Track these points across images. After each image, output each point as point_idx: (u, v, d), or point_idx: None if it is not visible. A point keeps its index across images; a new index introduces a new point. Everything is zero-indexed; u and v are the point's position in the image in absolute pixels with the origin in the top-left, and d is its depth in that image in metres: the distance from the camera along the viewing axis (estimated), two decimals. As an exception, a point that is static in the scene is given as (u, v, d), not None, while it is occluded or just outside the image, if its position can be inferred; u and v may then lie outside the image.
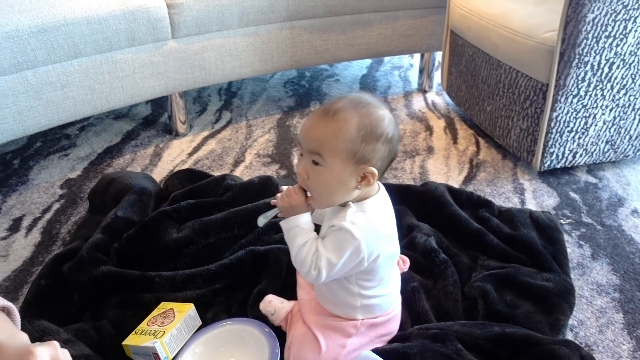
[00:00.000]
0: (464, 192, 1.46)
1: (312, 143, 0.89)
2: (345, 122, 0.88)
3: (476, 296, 1.14)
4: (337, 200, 0.93)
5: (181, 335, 1.03)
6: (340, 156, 0.88)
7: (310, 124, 0.90)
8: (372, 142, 0.88)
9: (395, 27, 2.11)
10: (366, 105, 0.91)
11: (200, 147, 1.88)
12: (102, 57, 1.63)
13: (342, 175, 0.89)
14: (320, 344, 0.97)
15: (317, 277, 0.91)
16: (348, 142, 0.87)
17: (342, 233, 0.90)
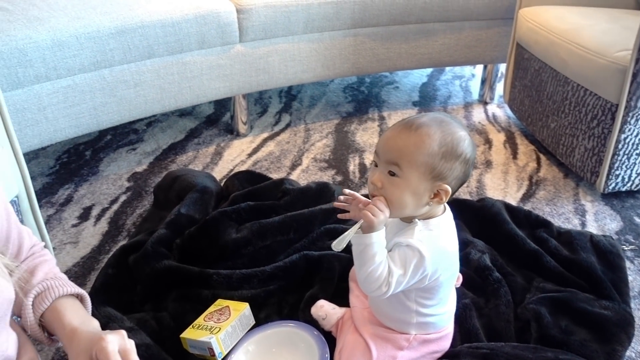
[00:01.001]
0: (522, 210, 1.44)
1: (392, 154, 0.90)
2: (428, 136, 0.89)
3: (529, 319, 1.12)
4: (406, 212, 0.93)
5: (235, 332, 1.07)
6: (418, 169, 0.89)
7: (392, 135, 0.92)
8: (451, 160, 0.89)
9: (460, 38, 2.09)
10: (449, 124, 0.92)
11: (260, 148, 1.93)
12: (173, 59, 1.70)
13: (418, 188, 0.90)
14: (372, 353, 0.99)
15: (384, 293, 0.91)
16: (428, 157, 0.88)
17: (409, 250, 0.91)
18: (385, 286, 0.91)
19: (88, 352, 0.71)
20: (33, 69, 1.44)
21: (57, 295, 0.78)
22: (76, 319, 0.77)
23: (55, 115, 1.53)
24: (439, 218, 0.96)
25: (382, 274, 0.91)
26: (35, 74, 1.45)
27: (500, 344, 1.05)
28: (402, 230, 0.95)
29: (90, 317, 0.79)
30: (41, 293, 0.78)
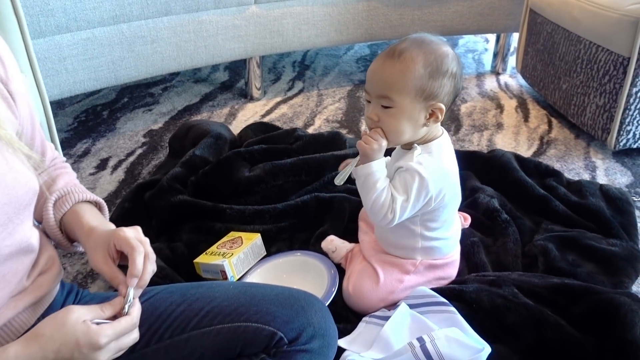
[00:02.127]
0: (532, 160, 1.45)
1: (381, 86, 0.91)
2: (412, 60, 0.90)
3: (537, 254, 1.13)
4: (406, 138, 0.95)
5: (247, 260, 1.10)
6: (409, 95, 0.91)
7: (377, 67, 0.93)
8: (438, 78, 0.91)
9: (473, 5, 2.10)
10: (430, 44, 0.93)
11: (273, 110, 1.96)
12: (190, 17, 1.74)
13: (412, 113, 0.92)
14: (379, 276, 1.01)
15: (391, 220, 0.93)
16: (416, 80, 0.90)
17: (409, 173, 0.93)
18: (391, 213, 0.93)
19: (105, 245, 0.74)
20: (54, 18, 1.48)
21: (76, 200, 0.81)
22: (94, 220, 0.80)
23: (75, 67, 1.58)
24: (438, 140, 0.97)
25: (385, 201, 0.93)
26: (57, 24, 1.49)
27: (507, 272, 1.06)
28: (402, 157, 0.97)
29: (107, 221, 0.82)
30: (62, 197, 0.81)
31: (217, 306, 0.78)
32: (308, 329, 0.75)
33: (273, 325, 0.74)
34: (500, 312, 0.92)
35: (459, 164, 1.03)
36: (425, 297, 0.97)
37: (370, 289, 1.01)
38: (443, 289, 1.00)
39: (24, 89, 0.74)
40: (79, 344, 0.61)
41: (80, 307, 0.65)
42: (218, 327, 0.76)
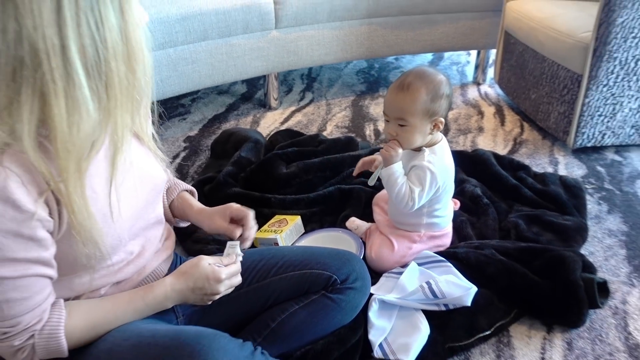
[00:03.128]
0: (506, 157, 1.82)
1: (397, 112, 1.26)
2: (417, 91, 1.25)
3: (510, 228, 1.50)
4: (417, 145, 1.30)
5: (292, 235, 1.44)
6: (418, 116, 1.26)
7: (391, 98, 1.28)
8: (438, 101, 1.26)
9: (457, 27, 2.48)
10: (428, 75, 1.28)
11: (289, 118, 2.31)
12: (223, 41, 2.08)
13: (421, 127, 1.27)
14: (394, 245, 1.37)
15: (412, 206, 1.28)
16: (422, 105, 1.25)
17: (422, 170, 1.28)
18: (411, 201, 1.28)
19: (221, 214, 1.08)
20: (119, 46, 1.81)
21: (181, 189, 1.15)
22: (198, 204, 1.14)
23: (132, 84, 1.90)
24: (440, 144, 1.33)
25: (405, 192, 1.28)
26: (120, 51, 1.82)
27: (488, 240, 1.43)
28: (414, 157, 1.33)
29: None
30: (170, 187, 1.15)
31: (288, 260, 1.11)
32: (353, 274, 1.09)
33: (330, 271, 1.08)
34: (482, 265, 1.29)
35: (450, 161, 1.39)
36: (428, 257, 1.33)
37: (388, 254, 1.36)
38: (441, 252, 1.36)
39: None
40: (208, 278, 0.92)
41: (207, 256, 0.96)
42: (290, 274, 1.10)
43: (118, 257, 0.90)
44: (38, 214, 0.72)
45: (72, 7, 0.68)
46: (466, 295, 1.18)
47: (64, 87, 0.70)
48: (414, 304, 1.20)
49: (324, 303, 1.07)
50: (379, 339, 1.13)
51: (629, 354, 1.19)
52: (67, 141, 0.72)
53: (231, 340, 0.84)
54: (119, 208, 0.84)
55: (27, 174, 0.71)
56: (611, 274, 1.41)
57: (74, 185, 0.74)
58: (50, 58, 0.69)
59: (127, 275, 0.94)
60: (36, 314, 0.78)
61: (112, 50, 0.72)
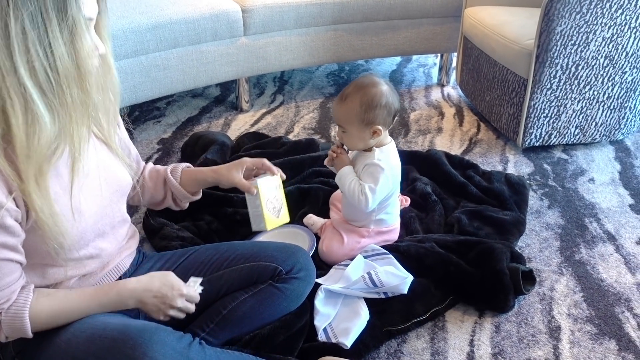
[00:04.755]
0: (457, 157, 1.95)
1: (337, 120, 1.40)
2: (352, 102, 1.37)
3: (453, 222, 1.63)
4: (360, 147, 1.43)
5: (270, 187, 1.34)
6: (354, 124, 1.38)
7: (334, 107, 1.41)
8: (371, 111, 1.36)
9: (419, 32, 2.60)
10: (366, 87, 1.38)
11: (260, 120, 2.42)
12: (193, 48, 2.18)
13: (360, 134, 1.39)
14: (343, 238, 1.49)
15: (365, 202, 1.38)
16: (356, 115, 1.37)
17: (373, 167, 1.40)
18: (362, 195, 1.40)
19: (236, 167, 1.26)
20: (92, 55, 1.91)
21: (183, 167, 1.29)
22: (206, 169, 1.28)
23: (106, 91, 2.01)
24: (388, 146, 1.46)
25: (354, 189, 1.40)
26: (93, 59, 1.92)
27: (430, 235, 1.55)
28: (366, 157, 1.45)
29: None
30: (173, 169, 1.27)
31: (240, 253, 1.23)
32: (297, 265, 1.21)
33: (276, 263, 1.20)
34: (421, 257, 1.41)
35: (405, 161, 1.52)
36: (374, 250, 1.45)
37: (338, 247, 1.49)
38: (387, 246, 1.49)
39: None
40: (172, 287, 1.02)
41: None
42: (241, 266, 1.21)
43: (85, 251, 1.01)
44: (7, 205, 0.83)
45: (20, 37, 0.79)
46: (403, 283, 1.31)
47: (20, 103, 0.81)
48: (357, 293, 1.32)
49: (271, 292, 1.19)
50: (324, 324, 1.26)
51: (550, 335, 1.32)
52: (27, 148, 0.83)
53: (171, 332, 0.94)
54: (81, 207, 0.95)
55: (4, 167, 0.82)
56: (543, 264, 1.55)
57: (35, 187, 0.85)
58: (5, 77, 0.80)
59: (92, 269, 1.05)
60: (5, 294, 0.88)
61: (63, 75, 0.83)
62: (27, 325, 0.89)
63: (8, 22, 0.79)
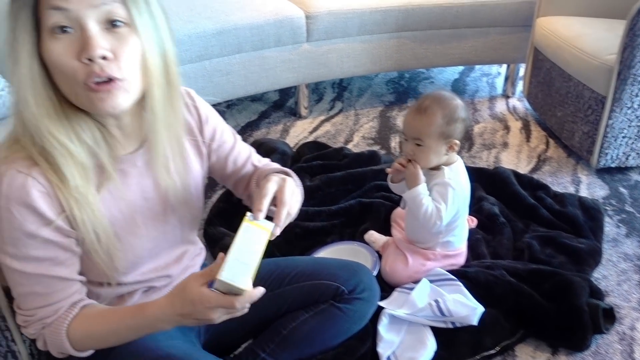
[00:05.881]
0: (526, 176, 1.86)
1: (414, 133, 1.34)
2: (434, 114, 1.32)
3: (524, 248, 1.54)
4: (433, 164, 1.37)
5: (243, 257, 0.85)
6: (434, 138, 1.33)
7: (410, 119, 1.36)
8: (452, 124, 1.33)
9: (486, 41, 2.50)
10: (445, 100, 1.35)
11: (318, 128, 2.39)
12: (256, 54, 2.17)
13: (437, 148, 1.34)
14: (408, 260, 1.44)
15: (440, 225, 1.34)
16: (437, 128, 1.32)
17: (443, 186, 1.35)
18: (439, 220, 1.34)
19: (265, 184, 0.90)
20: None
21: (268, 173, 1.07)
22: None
23: (169, 95, 2.02)
24: (457, 164, 1.40)
25: (432, 212, 1.34)
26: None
27: (500, 260, 1.48)
28: (434, 176, 1.39)
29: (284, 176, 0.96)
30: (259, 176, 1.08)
31: (301, 270, 1.18)
32: (360, 285, 1.15)
33: (338, 282, 1.14)
34: (491, 285, 1.34)
35: (471, 179, 1.44)
36: (440, 275, 1.39)
37: (402, 269, 1.43)
38: (453, 270, 1.42)
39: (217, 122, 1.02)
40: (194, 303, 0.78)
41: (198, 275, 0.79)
42: (302, 284, 1.17)
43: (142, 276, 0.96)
44: (58, 222, 0.79)
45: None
46: (472, 314, 1.24)
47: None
48: (423, 320, 1.27)
49: (332, 312, 1.14)
50: (387, 352, 1.21)
51: (631, 379, 1.23)
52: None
53: None
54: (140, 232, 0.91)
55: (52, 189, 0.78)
56: (622, 299, 1.44)
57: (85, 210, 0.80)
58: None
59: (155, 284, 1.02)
60: (52, 310, 0.84)
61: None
62: (65, 343, 0.85)
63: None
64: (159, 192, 0.94)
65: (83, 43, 0.72)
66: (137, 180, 0.90)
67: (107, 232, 0.84)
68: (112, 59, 0.74)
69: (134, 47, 0.76)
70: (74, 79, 0.73)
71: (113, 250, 0.85)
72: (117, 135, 0.85)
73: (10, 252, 0.79)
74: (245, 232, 0.81)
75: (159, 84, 0.81)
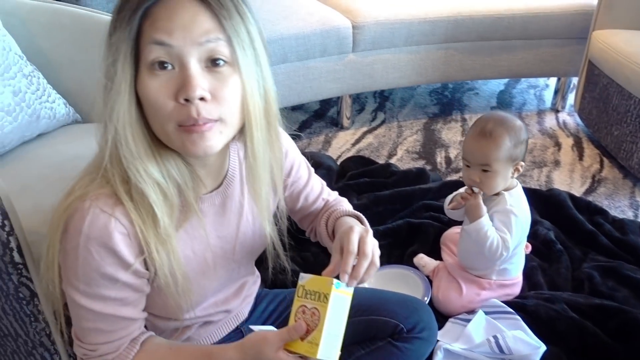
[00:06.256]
0: (583, 199, 1.77)
1: (482, 158, 1.28)
2: (501, 138, 1.26)
3: (583, 279, 1.46)
4: (499, 189, 1.32)
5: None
6: (502, 162, 1.27)
7: (474, 144, 1.29)
8: (519, 146, 1.27)
9: (538, 53, 2.41)
10: (508, 121, 1.29)
11: (361, 139, 2.33)
12: (301, 64, 2.13)
13: (505, 173, 1.29)
14: (462, 289, 1.37)
15: (505, 256, 1.29)
16: (506, 151, 1.26)
17: (505, 214, 1.29)
18: (505, 250, 1.28)
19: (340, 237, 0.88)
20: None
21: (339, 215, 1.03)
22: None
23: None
24: (517, 189, 1.33)
25: (498, 243, 1.28)
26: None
27: (559, 292, 1.40)
28: (494, 203, 1.33)
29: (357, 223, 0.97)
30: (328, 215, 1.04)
31: (358, 304, 1.12)
32: (420, 323, 1.11)
33: (397, 319, 1.10)
34: (553, 322, 1.27)
35: (525, 201, 1.38)
36: (496, 307, 1.32)
37: (455, 298, 1.37)
38: (510, 302, 1.35)
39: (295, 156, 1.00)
40: None
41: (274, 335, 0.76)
42: (359, 319, 1.12)
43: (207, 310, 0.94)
44: (136, 265, 0.76)
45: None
46: (534, 354, 1.18)
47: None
48: (480, 357, 1.20)
49: (390, 350, 1.09)
50: (443, 389, 1.15)
51: None
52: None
53: None
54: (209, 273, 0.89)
55: (133, 230, 0.75)
56: (691, 338, 1.35)
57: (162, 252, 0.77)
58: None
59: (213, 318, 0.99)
60: (114, 346, 0.82)
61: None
62: None
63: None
64: (233, 232, 0.91)
65: (182, 82, 0.68)
66: (212, 219, 0.87)
67: (183, 273, 0.80)
68: (209, 100, 0.70)
69: (234, 88, 0.71)
70: (168, 118, 0.70)
71: (185, 291, 0.82)
72: (201, 174, 0.82)
73: (81, 288, 0.76)
74: (334, 303, 0.77)
75: (259, 125, 0.76)
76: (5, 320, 0.98)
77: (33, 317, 0.96)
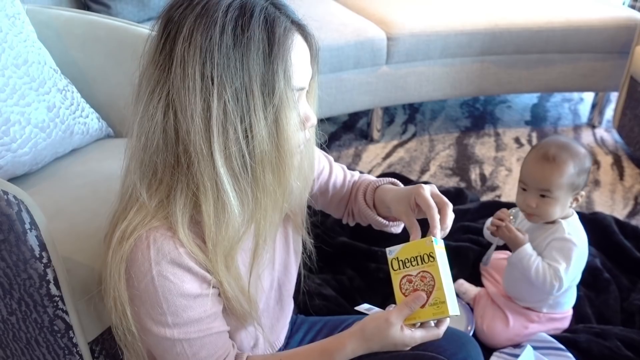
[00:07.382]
0: (630, 225, 1.69)
1: (541, 183, 1.21)
2: (565, 164, 1.20)
3: (634, 312, 1.39)
4: (555, 217, 1.25)
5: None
6: (564, 189, 1.21)
7: (535, 168, 1.23)
8: (583, 175, 1.21)
9: (576, 67, 2.33)
10: (571, 147, 1.23)
11: (392, 153, 2.27)
12: (333, 76, 2.08)
13: (564, 200, 1.22)
14: (509, 321, 1.31)
15: (558, 287, 1.21)
16: (569, 178, 1.20)
17: (563, 242, 1.23)
18: (556, 280, 1.21)
19: (407, 199, 0.89)
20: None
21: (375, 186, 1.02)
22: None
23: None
24: (574, 217, 1.27)
25: (545, 271, 1.21)
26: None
27: (610, 327, 1.33)
28: (550, 230, 1.26)
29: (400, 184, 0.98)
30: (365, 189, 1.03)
31: None
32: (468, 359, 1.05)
33: (444, 355, 1.04)
34: (607, 360, 1.20)
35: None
36: (546, 342, 1.25)
37: (501, 330, 1.30)
38: (559, 336, 1.28)
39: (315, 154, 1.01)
40: (396, 345, 0.81)
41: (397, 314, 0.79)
42: (403, 353, 1.07)
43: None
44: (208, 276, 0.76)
45: (220, 118, 0.69)
46: (589, 395, 1.11)
47: (212, 190, 0.71)
48: (531, 397, 1.14)
49: None
50: None
51: None
52: (215, 237, 0.74)
53: None
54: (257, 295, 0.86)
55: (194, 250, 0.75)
56: None
57: (224, 272, 0.77)
58: (200, 162, 0.70)
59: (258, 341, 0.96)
60: None
61: (259, 159, 0.72)
62: None
63: (211, 103, 0.69)
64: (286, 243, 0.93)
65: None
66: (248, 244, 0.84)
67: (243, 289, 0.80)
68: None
69: None
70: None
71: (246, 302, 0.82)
72: None
73: (170, 321, 0.74)
74: (440, 258, 0.79)
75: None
76: (38, 351, 0.94)
77: (67, 350, 0.91)
